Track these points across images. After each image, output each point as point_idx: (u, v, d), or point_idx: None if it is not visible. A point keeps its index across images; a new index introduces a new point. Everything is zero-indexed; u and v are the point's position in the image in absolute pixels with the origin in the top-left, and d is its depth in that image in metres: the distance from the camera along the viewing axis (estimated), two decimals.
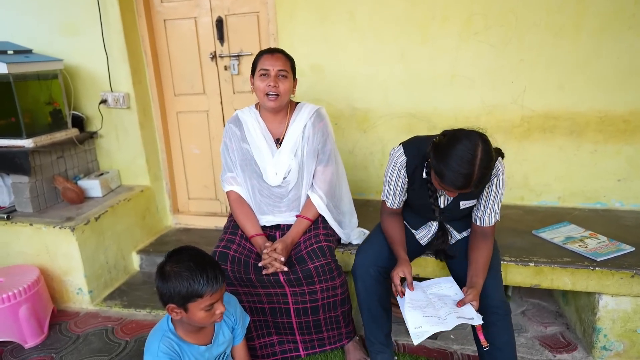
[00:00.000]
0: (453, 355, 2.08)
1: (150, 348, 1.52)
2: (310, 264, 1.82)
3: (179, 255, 1.47)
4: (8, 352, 2.24)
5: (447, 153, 1.47)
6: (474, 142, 1.45)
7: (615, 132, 2.44)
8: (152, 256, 2.94)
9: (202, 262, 1.45)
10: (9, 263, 2.56)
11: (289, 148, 2.01)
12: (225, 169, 2.13)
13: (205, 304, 1.43)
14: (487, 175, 1.48)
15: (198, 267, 1.42)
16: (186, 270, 1.41)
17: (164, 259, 1.48)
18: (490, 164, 1.47)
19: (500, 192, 1.70)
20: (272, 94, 1.92)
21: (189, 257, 1.46)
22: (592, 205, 2.57)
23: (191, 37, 2.95)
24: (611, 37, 2.31)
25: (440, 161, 1.49)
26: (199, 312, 1.44)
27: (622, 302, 1.94)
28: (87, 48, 2.87)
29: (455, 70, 2.53)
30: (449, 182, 1.48)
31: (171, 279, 1.42)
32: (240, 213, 2.04)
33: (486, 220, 1.75)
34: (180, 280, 1.40)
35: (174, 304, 1.44)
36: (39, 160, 2.66)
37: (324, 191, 2.03)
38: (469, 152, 1.43)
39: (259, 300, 1.90)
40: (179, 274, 1.41)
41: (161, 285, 1.44)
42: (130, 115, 2.97)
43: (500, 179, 1.68)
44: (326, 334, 1.96)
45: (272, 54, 1.95)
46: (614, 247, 2.02)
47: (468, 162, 1.43)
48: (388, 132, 2.72)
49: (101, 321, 2.46)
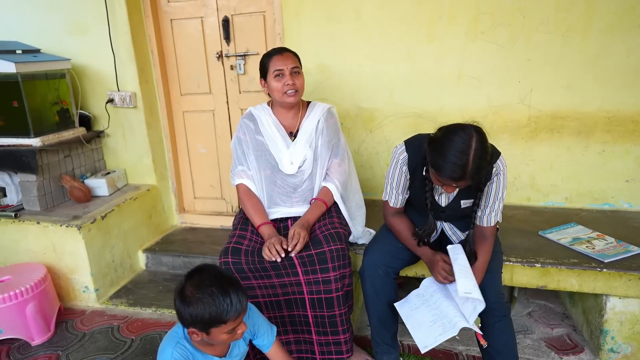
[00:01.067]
0: (458, 356, 2.07)
1: (164, 354, 1.49)
2: (326, 246, 1.80)
3: (200, 278, 1.40)
4: (15, 349, 2.26)
5: (443, 145, 1.49)
6: (468, 134, 1.46)
7: (623, 132, 2.42)
8: (158, 255, 2.95)
9: (225, 286, 1.38)
10: (16, 261, 2.58)
11: (304, 139, 2.06)
12: (235, 163, 2.13)
13: (229, 328, 1.39)
14: (483, 167, 1.49)
15: (221, 293, 1.35)
16: (209, 297, 1.35)
17: (184, 280, 1.41)
18: (486, 155, 1.48)
19: (500, 192, 1.69)
20: (291, 91, 1.98)
21: (210, 281, 1.38)
22: (600, 206, 2.55)
23: (198, 36, 2.96)
24: (620, 36, 2.29)
25: (437, 154, 1.51)
26: (221, 335, 1.40)
27: (630, 304, 1.92)
28: (95, 48, 2.89)
29: (461, 70, 2.52)
30: (446, 174, 1.48)
31: (193, 304, 1.35)
32: (249, 205, 2.05)
33: (485, 219, 1.73)
34: (203, 306, 1.34)
35: (195, 328, 1.40)
36: (47, 159, 2.69)
37: (340, 181, 2.06)
38: (463, 142, 1.45)
39: (274, 293, 1.89)
40: (201, 300, 1.35)
41: (182, 309, 1.38)
42: (137, 114, 2.98)
43: (501, 178, 1.67)
44: (342, 337, 1.90)
45: (281, 54, 2.01)
46: (622, 248, 2.00)
47: (463, 153, 1.44)
48: (394, 132, 2.71)
49: (107, 319, 2.48)
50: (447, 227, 1.89)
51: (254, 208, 2.04)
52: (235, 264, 1.82)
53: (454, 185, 1.53)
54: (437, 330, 1.60)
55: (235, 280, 1.45)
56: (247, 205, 2.05)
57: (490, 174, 1.67)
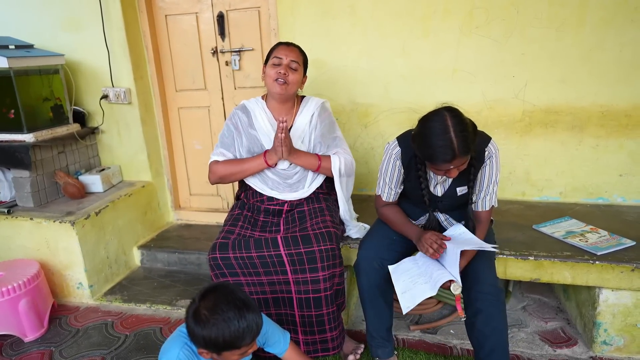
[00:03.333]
0: (452, 349, 2.08)
1: (169, 353, 1.45)
2: (316, 246, 1.80)
3: (214, 299, 1.36)
4: (8, 345, 2.25)
5: (424, 135, 1.55)
6: (441, 115, 1.53)
7: (617, 126, 2.42)
8: (153, 251, 2.94)
9: (242, 310, 1.34)
10: (9, 257, 2.57)
11: (297, 135, 2.07)
12: (218, 146, 2.11)
13: (242, 352, 1.37)
14: (469, 138, 1.51)
15: (237, 319, 1.33)
16: (224, 322, 1.32)
17: (198, 299, 1.38)
18: (465, 126, 1.51)
19: (494, 174, 1.72)
20: (281, 80, 1.98)
21: (227, 305, 1.34)
22: (594, 201, 2.56)
23: (192, 32, 2.95)
24: (614, 30, 2.29)
25: (422, 146, 1.56)
26: (232, 357, 1.38)
27: (622, 297, 1.93)
28: (89, 43, 2.87)
29: (456, 65, 2.52)
30: (439, 159, 1.51)
31: (207, 327, 1.33)
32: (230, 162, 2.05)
33: (480, 204, 1.75)
34: (217, 331, 1.32)
35: (207, 350, 1.37)
36: (40, 155, 2.67)
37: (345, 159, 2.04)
38: (440, 124, 1.51)
39: (262, 291, 1.89)
40: (216, 325, 1.32)
41: (196, 330, 1.35)
42: (131, 110, 2.97)
43: (494, 161, 1.69)
44: (329, 335, 1.91)
45: (287, 46, 2.04)
46: (615, 241, 2.01)
47: (443, 132, 1.49)
48: (389, 127, 2.71)
49: (101, 315, 2.47)
50: (442, 218, 1.90)
51: (241, 161, 2.03)
52: (223, 259, 1.83)
53: (451, 167, 1.54)
54: (421, 289, 1.62)
55: (251, 302, 1.40)
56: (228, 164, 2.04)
57: (483, 157, 1.68)
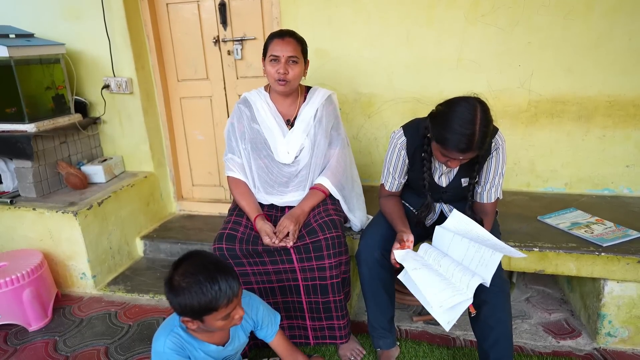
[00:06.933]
0: (455, 340, 2.07)
1: (157, 342, 1.47)
2: (321, 234, 1.78)
3: (186, 265, 1.36)
4: (12, 334, 2.26)
5: (447, 117, 1.49)
6: (472, 104, 1.48)
7: (624, 117, 2.39)
8: (156, 242, 2.94)
9: (213, 272, 1.34)
10: (13, 247, 2.57)
11: (301, 128, 2.00)
12: (227, 150, 2.10)
13: (222, 315, 1.36)
14: (488, 136, 1.49)
15: (209, 280, 1.31)
16: (196, 285, 1.31)
17: (171, 269, 1.37)
18: (490, 124, 1.49)
19: (500, 166, 1.69)
20: (282, 81, 1.91)
21: (197, 268, 1.34)
22: (600, 192, 2.53)
23: (194, 21, 2.92)
24: (622, 19, 2.25)
25: (441, 127, 1.51)
26: (216, 322, 1.37)
27: (627, 288, 1.91)
28: (90, 33, 2.85)
29: (461, 54, 2.48)
30: (453, 145, 1.48)
31: (181, 293, 1.32)
32: (241, 199, 2.01)
33: (486, 195, 1.73)
34: (191, 295, 1.31)
35: (187, 317, 1.37)
36: (42, 146, 2.66)
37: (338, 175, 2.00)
38: (468, 112, 1.46)
39: (268, 280, 1.88)
40: (188, 290, 1.31)
41: (172, 298, 1.35)
42: (133, 100, 2.95)
43: (500, 153, 1.67)
44: (337, 323, 1.90)
45: (282, 39, 1.90)
46: (621, 232, 1.99)
47: (469, 122, 1.45)
48: (393, 117, 2.68)
49: (105, 305, 2.47)
50: (446, 209, 1.88)
51: (247, 201, 1.99)
52: (229, 250, 1.81)
53: (460, 157, 1.52)
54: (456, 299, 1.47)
55: (225, 266, 1.40)
56: (239, 199, 2.01)
57: (489, 149, 1.66)
